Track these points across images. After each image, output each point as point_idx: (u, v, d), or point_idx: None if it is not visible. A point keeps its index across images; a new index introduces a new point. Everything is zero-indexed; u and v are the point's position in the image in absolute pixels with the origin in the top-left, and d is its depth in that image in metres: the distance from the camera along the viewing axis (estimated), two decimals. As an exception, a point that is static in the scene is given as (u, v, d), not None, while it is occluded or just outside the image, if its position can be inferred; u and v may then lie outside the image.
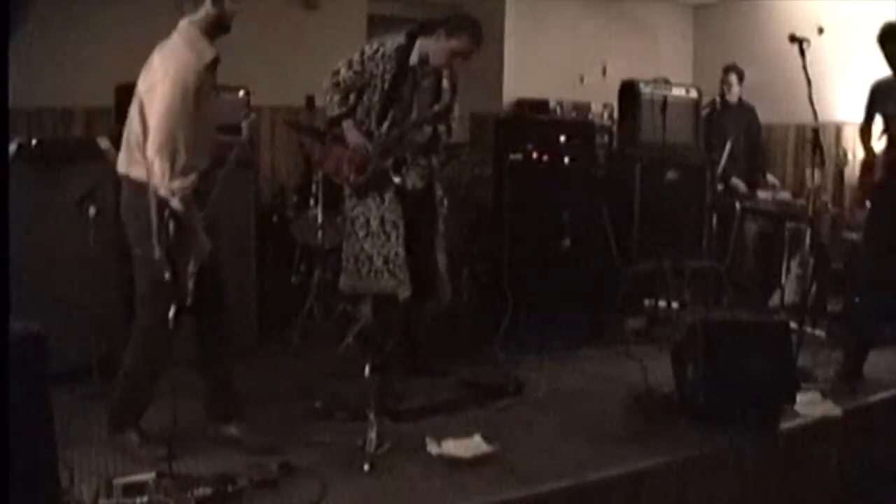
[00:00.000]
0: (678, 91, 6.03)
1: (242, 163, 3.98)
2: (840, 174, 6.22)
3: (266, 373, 4.36)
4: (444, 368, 4.44)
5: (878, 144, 4.58)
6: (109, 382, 3.54)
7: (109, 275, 4.05)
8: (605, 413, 3.93)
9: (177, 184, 2.99)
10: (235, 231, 4.52)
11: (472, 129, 7.02)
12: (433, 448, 3.33)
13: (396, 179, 4.18)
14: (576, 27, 7.34)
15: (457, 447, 3.32)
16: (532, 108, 6.63)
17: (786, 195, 6.26)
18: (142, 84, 3.12)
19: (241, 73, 5.28)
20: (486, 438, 3.40)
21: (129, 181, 3.15)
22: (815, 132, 4.37)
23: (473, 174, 5.74)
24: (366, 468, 3.15)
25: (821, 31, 6.33)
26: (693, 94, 6.16)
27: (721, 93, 6.50)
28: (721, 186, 6.01)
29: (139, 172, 3.09)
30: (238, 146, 3.39)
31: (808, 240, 4.74)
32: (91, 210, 3.84)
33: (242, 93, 5.10)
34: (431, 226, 4.32)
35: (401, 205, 4.19)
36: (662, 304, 5.64)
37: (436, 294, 4.35)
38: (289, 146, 6.23)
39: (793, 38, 4.31)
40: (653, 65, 6.81)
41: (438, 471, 3.20)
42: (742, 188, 6.31)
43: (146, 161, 3.03)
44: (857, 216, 5.99)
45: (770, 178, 6.54)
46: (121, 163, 3.21)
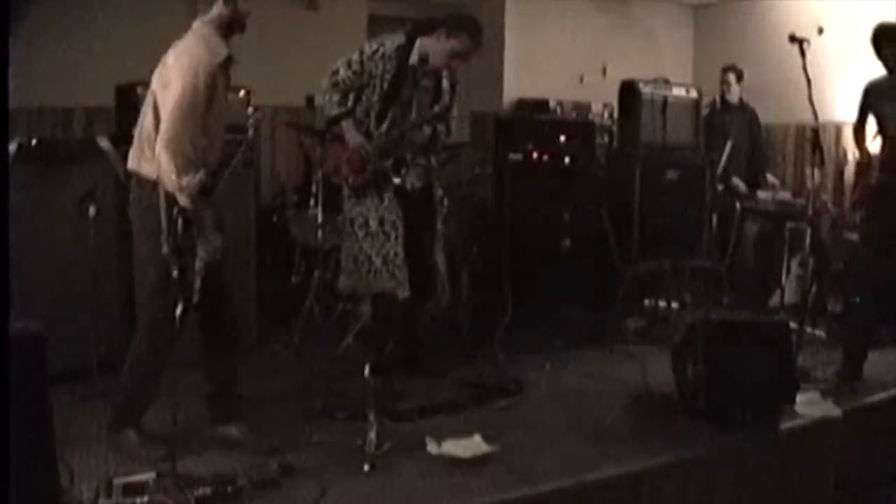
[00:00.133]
0: (678, 91, 6.03)
1: (244, 163, 3.99)
2: (840, 174, 6.23)
3: (266, 373, 4.35)
4: (444, 368, 4.44)
5: (873, 145, 4.59)
6: (109, 382, 3.55)
7: (109, 275, 4.05)
8: (605, 413, 3.93)
9: (185, 180, 2.99)
10: (235, 231, 4.51)
11: (472, 129, 7.03)
12: (433, 448, 3.33)
13: (396, 180, 4.18)
14: (576, 27, 7.33)
15: (457, 447, 3.32)
16: (532, 108, 6.64)
17: (786, 195, 6.26)
18: (156, 81, 3.15)
19: (241, 73, 5.29)
20: (486, 438, 3.40)
21: (139, 178, 3.16)
22: (815, 132, 4.37)
23: (473, 174, 5.74)
24: (366, 468, 3.15)
25: (821, 31, 6.32)
26: (693, 94, 6.16)
27: (721, 93, 6.51)
28: (721, 186, 6.01)
29: (149, 169, 3.10)
30: (245, 145, 3.40)
31: (808, 240, 4.74)
32: (91, 210, 3.84)
33: (243, 93, 5.11)
34: (431, 226, 4.32)
35: (400, 205, 4.19)
36: (662, 304, 5.64)
37: (435, 294, 4.34)
38: (289, 146, 6.23)
39: (793, 38, 4.32)
40: (653, 65, 6.82)
41: (438, 471, 3.20)
42: (742, 188, 6.31)
43: (155, 156, 3.04)
44: (857, 216, 6.01)
45: (770, 178, 6.54)
46: (131, 159, 3.21)
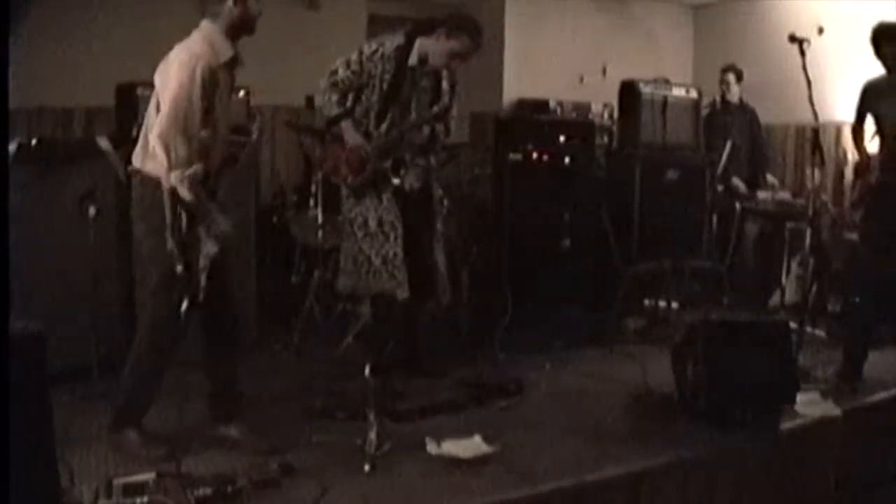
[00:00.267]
0: (678, 91, 6.03)
1: (245, 163, 4.00)
2: (840, 174, 6.23)
3: (266, 373, 4.35)
4: (444, 368, 4.44)
5: (871, 145, 4.58)
6: (109, 382, 3.55)
7: (109, 275, 4.06)
8: (605, 413, 3.93)
9: (176, 173, 3.00)
10: (235, 231, 4.49)
11: (472, 129, 7.03)
12: (433, 448, 3.33)
13: (395, 180, 4.17)
14: (576, 27, 7.34)
15: (457, 447, 3.32)
16: (532, 108, 6.63)
17: (786, 195, 6.26)
18: (158, 79, 3.16)
19: (242, 73, 5.30)
20: (486, 438, 3.40)
21: (143, 176, 3.17)
22: (815, 132, 4.37)
23: (473, 174, 5.74)
24: (366, 468, 3.15)
25: (821, 31, 6.32)
26: (693, 94, 6.16)
27: (721, 93, 6.51)
28: (721, 187, 6.01)
29: (153, 167, 3.10)
30: (250, 146, 3.41)
31: (808, 240, 4.74)
32: (91, 210, 3.84)
33: (243, 93, 5.11)
34: (430, 226, 4.32)
35: (399, 205, 4.18)
36: (662, 304, 5.64)
37: (435, 294, 4.34)
38: (289, 146, 6.23)
39: (793, 38, 4.31)
40: (653, 65, 6.83)
41: (438, 471, 3.20)
42: (742, 188, 6.31)
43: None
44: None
45: (770, 179, 6.54)
46: (135, 158, 3.22)
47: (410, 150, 4.22)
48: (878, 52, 4.32)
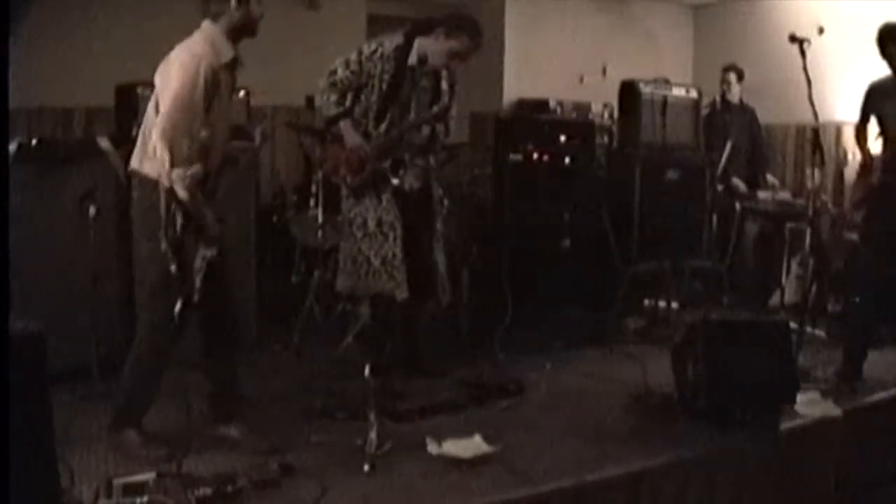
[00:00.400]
0: (678, 91, 6.03)
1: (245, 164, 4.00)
2: (840, 174, 6.23)
3: (266, 373, 4.35)
4: (444, 368, 4.44)
5: (874, 145, 4.58)
6: (109, 382, 3.55)
7: (109, 275, 4.06)
8: (605, 413, 3.93)
9: (176, 172, 3.00)
10: (235, 231, 4.52)
11: (472, 129, 7.03)
12: (433, 448, 3.33)
13: (395, 180, 4.17)
14: (576, 27, 7.34)
15: (457, 447, 3.32)
16: (532, 108, 6.63)
17: (786, 195, 6.26)
18: (158, 79, 3.17)
19: (242, 73, 5.29)
20: (487, 438, 3.40)
21: (141, 177, 3.17)
22: (815, 132, 4.37)
23: (473, 174, 5.74)
24: (366, 468, 3.15)
25: (821, 31, 6.32)
26: (693, 94, 6.16)
27: (721, 92, 6.50)
28: (721, 187, 6.01)
29: (151, 168, 3.10)
30: (252, 150, 3.41)
31: (808, 240, 4.74)
32: (91, 210, 3.84)
33: (243, 93, 5.11)
34: (430, 226, 4.31)
35: (398, 205, 4.17)
36: (662, 304, 5.64)
37: (435, 294, 4.34)
38: (289, 146, 6.23)
39: (793, 38, 4.31)
40: (653, 65, 6.82)
41: (438, 471, 3.20)
42: (742, 188, 6.31)
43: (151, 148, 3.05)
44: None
45: (770, 179, 6.54)
46: (134, 159, 3.22)
47: (410, 151, 4.22)
48: (884, 52, 4.32)
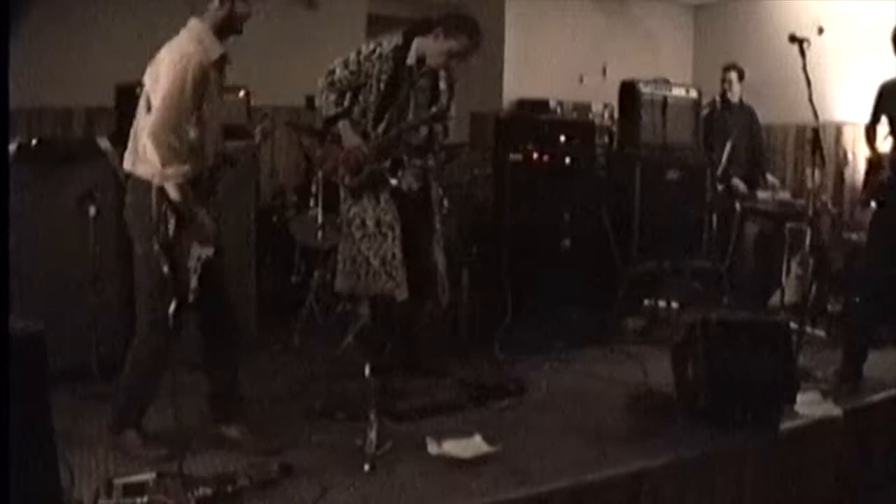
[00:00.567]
0: (678, 91, 6.04)
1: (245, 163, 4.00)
2: (840, 174, 6.23)
3: (266, 373, 4.35)
4: (444, 368, 4.44)
5: (884, 145, 4.58)
6: (109, 382, 3.55)
7: (109, 275, 4.05)
8: (605, 413, 3.93)
9: (169, 170, 2.99)
10: (235, 231, 4.52)
11: (472, 129, 7.03)
12: (433, 448, 3.33)
13: (393, 181, 4.16)
14: (576, 27, 7.34)
15: (457, 447, 3.32)
16: (532, 108, 6.64)
17: (786, 195, 6.26)
18: (147, 79, 3.16)
19: (241, 73, 5.29)
20: (487, 438, 3.40)
21: (135, 179, 3.16)
22: (815, 132, 4.37)
23: (473, 174, 5.74)
24: (366, 468, 3.15)
25: (821, 31, 6.32)
26: (693, 94, 6.16)
27: (721, 92, 6.49)
28: (721, 187, 6.01)
29: (144, 170, 3.09)
30: (252, 149, 3.41)
31: (808, 240, 4.74)
32: (91, 210, 3.84)
33: (242, 93, 5.11)
34: (429, 226, 4.31)
35: (397, 206, 4.16)
36: (662, 304, 5.64)
37: (434, 294, 4.34)
38: (289, 146, 6.23)
39: (793, 38, 4.31)
40: (653, 65, 6.83)
41: (438, 471, 3.20)
42: (742, 188, 6.31)
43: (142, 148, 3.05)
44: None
45: (770, 179, 6.53)
46: (127, 160, 3.21)
47: (408, 151, 4.21)
48: None
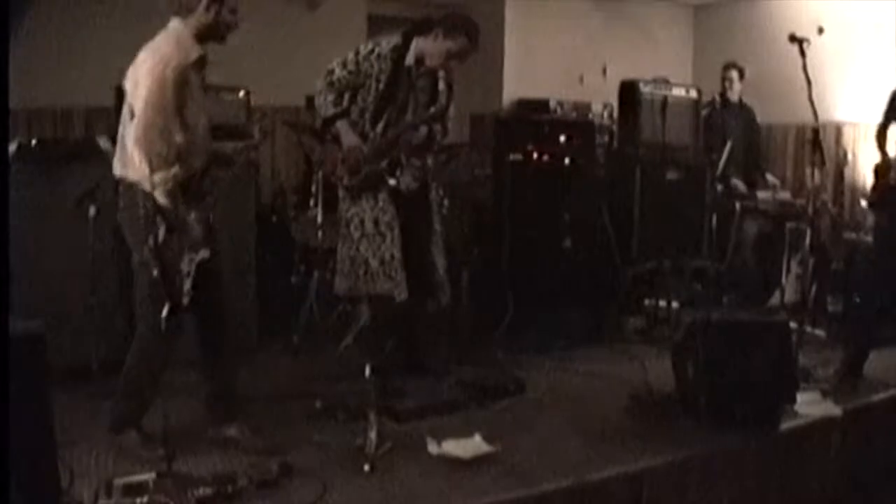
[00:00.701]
0: (678, 91, 6.04)
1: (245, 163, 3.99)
2: (840, 174, 6.22)
3: (266, 373, 4.36)
4: (444, 368, 4.44)
5: (894, 149, 4.58)
6: (109, 382, 3.55)
7: (109, 275, 4.05)
8: (605, 413, 3.93)
9: (157, 177, 2.98)
10: (235, 231, 4.52)
11: (472, 129, 7.03)
12: (433, 448, 3.33)
13: (392, 181, 4.15)
14: (576, 27, 7.34)
15: (457, 447, 3.32)
16: (532, 108, 6.63)
17: (786, 195, 6.26)
18: (128, 83, 3.14)
19: (242, 73, 5.30)
20: (487, 438, 3.40)
21: (125, 184, 3.15)
22: (815, 132, 4.37)
23: (473, 174, 5.74)
24: (366, 468, 3.15)
25: (821, 31, 6.32)
26: (693, 94, 6.17)
27: (722, 90, 6.49)
28: (721, 187, 6.01)
29: (132, 175, 3.08)
30: (249, 147, 3.40)
31: (808, 240, 4.73)
32: (91, 210, 3.84)
33: (242, 93, 5.11)
34: (428, 226, 4.30)
35: (395, 206, 4.15)
36: (662, 304, 5.64)
37: (434, 294, 4.33)
38: (289, 146, 6.23)
39: (793, 38, 4.31)
40: (653, 65, 6.82)
41: (438, 471, 3.20)
42: (742, 188, 6.31)
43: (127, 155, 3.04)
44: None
45: (770, 178, 6.54)
46: (116, 166, 3.20)
47: (407, 151, 4.20)
48: None
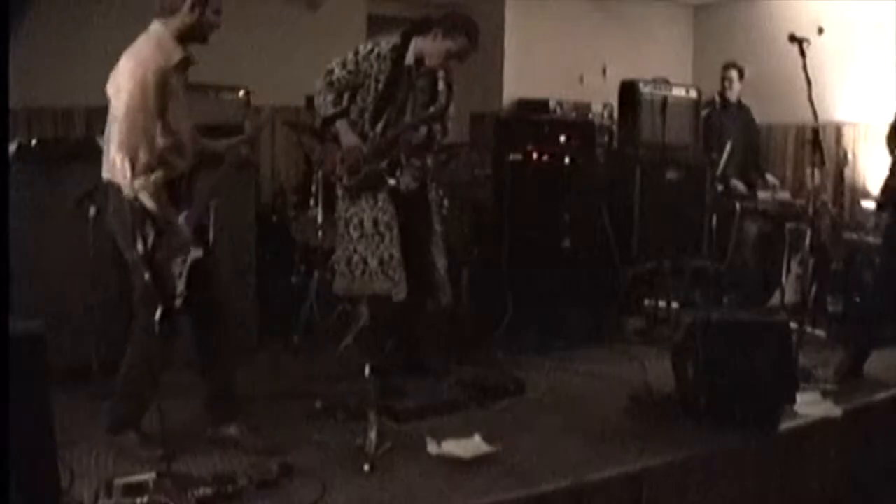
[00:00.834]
0: (678, 91, 6.04)
1: (242, 163, 3.98)
2: (840, 174, 6.22)
3: (266, 373, 4.36)
4: (445, 368, 4.44)
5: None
6: (109, 382, 3.55)
7: (109, 275, 4.05)
8: (605, 413, 3.93)
9: (139, 181, 2.98)
10: (235, 231, 4.52)
11: (472, 129, 7.03)
12: (433, 448, 3.33)
13: (391, 181, 4.15)
14: (576, 27, 7.33)
15: (457, 447, 3.32)
16: (532, 108, 6.63)
17: (786, 195, 6.26)
18: (110, 88, 3.13)
19: (242, 73, 5.30)
20: (487, 438, 3.40)
21: (113, 187, 3.14)
22: (815, 132, 4.37)
23: (473, 174, 5.74)
24: (366, 468, 3.15)
25: (821, 31, 6.32)
26: (693, 94, 6.16)
27: (721, 90, 6.50)
28: (721, 187, 6.01)
29: (118, 180, 3.07)
30: (238, 146, 3.40)
31: (808, 240, 4.74)
32: (91, 210, 3.83)
33: (242, 93, 5.11)
34: (427, 226, 4.30)
35: (394, 206, 4.15)
36: (662, 304, 5.64)
37: (434, 294, 4.33)
38: (289, 146, 6.23)
39: (793, 38, 4.31)
40: (653, 65, 6.81)
41: (438, 471, 3.20)
42: (741, 188, 6.31)
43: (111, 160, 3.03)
44: (858, 216, 6.01)
45: (770, 179, 6.54)
46: (104, 169, 3.19)
47: (407, 151, 4.20)
48: None
